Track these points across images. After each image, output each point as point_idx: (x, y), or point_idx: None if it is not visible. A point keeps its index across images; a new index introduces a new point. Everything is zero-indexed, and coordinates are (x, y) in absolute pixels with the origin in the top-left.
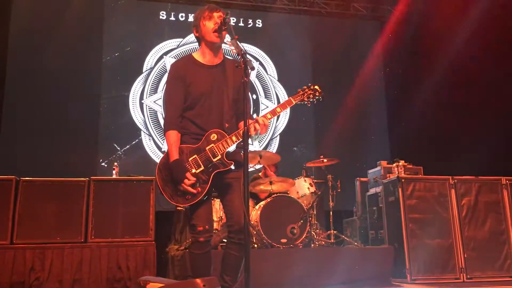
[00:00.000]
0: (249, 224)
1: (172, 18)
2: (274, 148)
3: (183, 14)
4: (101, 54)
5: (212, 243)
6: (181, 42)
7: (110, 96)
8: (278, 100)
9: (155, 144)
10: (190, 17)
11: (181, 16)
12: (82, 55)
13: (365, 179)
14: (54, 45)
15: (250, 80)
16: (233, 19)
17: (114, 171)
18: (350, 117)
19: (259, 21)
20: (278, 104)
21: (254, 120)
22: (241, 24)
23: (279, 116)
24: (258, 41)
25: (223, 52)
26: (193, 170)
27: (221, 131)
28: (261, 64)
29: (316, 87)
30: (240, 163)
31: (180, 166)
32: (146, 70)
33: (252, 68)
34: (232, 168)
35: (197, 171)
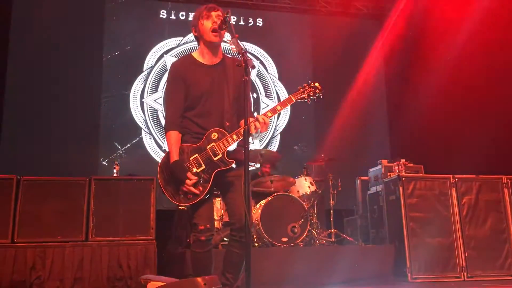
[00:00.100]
0: (250, 223)
1: (173, 17)
2: (275, 147)
3: (184, 13)
4: (102, 53)
5: (213, 242)
6: (182, 41)
7: (111, 95)
8: (279, 99)
9: (156, 143)
10: (191, 16)
11: (182, 15)
12: (83, 54)
13: (366, 178)
14: (55, 44)
15: (251, 79)
16: (234, 18)
17: (115, 170)
18: (351, 116)
19: (260, 20)
20: (278, 102)
21: (255, 119)
22: (242, 23)
23: (280, 115)
24: (259, 40)
25: (223, 51)
26: (194, 169)
27: (222, 130)
28: (262, 63)
29: (316, 85)
30: (241, 162)
31: (181, 167)
32: (147, 69)
33: (253, 67)
34: (233, 167)
35: (198, 170)
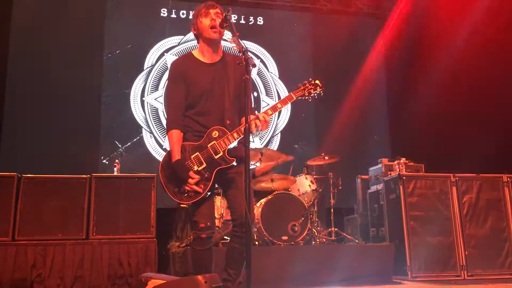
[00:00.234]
0: (251, 220)
1: (173, 16)
2: (275, 146)
3: (184, 12)
4: (102, 52)
5: (213, 240)
6: (182, 40)
7: (111, 94)
8: (279, 98)
9: (156, 141)
10: (191, 15)
11: (182, 14)
12: (83, 53)
13: (366, 177)
14: (55, 43)
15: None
16: (234, 17)
17: (115, 168)
18: (351, 115)
19: (260, 19)
20: (279, 100)
21: (255, 117)
22: (242, 22)
23: (280, 114)
24: (259, 39)
25: (223, 49)
26: (195, 168)
27: (223, 128)
28: (262, 62)
29: (317, 82)
30: (242, 158)
31: (182, 166)
32: (147, 68)
33: (253, 66)
34: (235, 164)
35: (199, 168)
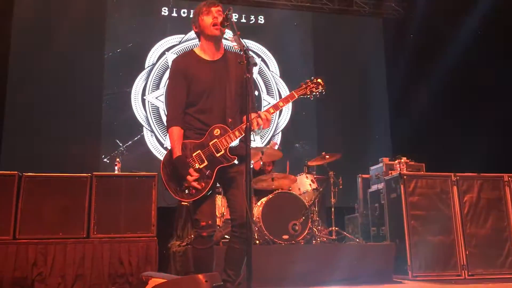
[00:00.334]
0: (252, 220)
1: (174, 14)
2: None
3: (185, 10)
4: (103, 50)
5: (214, 239)
6: (183, 38)
7: (112, 92)
8: (280, 97)
9: (157, 140)
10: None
11: (183, 12)
12: (84, 51)
13: (367, 176)
14: (57, 41)
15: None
16: (235, 16)
17: (116, 167)
18: (352, 114)
19: (261, 18)
20: (281, 99)
21: (257, 115)
22: (243, 21)
23: (281, 113)
24: (260, 38)
25: (225, 48)
26: (197, 165)
27: (224, 126)
28: (263, 61)
29: (319, 80)
30: (244, 157)
31: (183, 163)
32: (148, 66)
33: (255, 64)
34: (236, 163)
35: (201, 166)
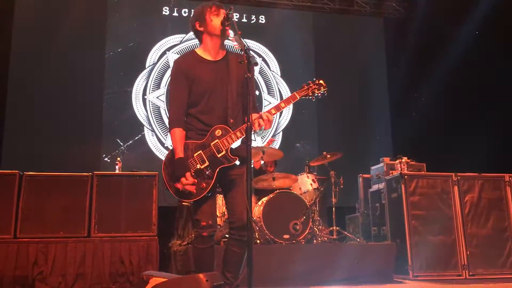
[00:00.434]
0: (252, 220)
1: (175, 14)
2: (277, 145)
3: (186, 10)
4: (104, 50)
5: (215, 239)
6: (184, 38)
7: (113, 92)
8: (281, 96)
9: (158, 140)
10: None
11: (184, 12)
12: (85, 51)
13: (368, 176)
14: (58, 41)
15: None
16: (236, 15)
17: (117, 166)
18: (353, 114)
19: (262, 17)
20: (283, 99)
21: (258, 116)
22: (244, 20)
23: (282, 113)
24: (261, 38)
25: (227, 48)
26: (198, 166)
27: (226, 127)
28: (264, 61)
29: (321, 82)
30: (245, 159)
31: (183, 165)
32: (149, 66)
33: (255, 64)
34: (237, 164)
35: (202, 167)
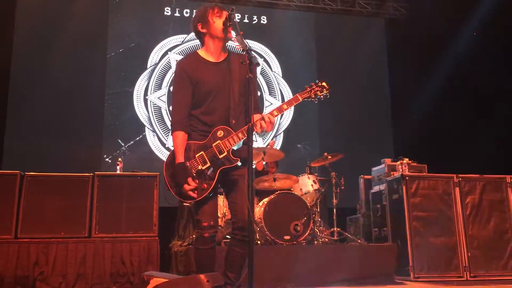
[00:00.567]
0: (253, 221)
1: (177, 14)
2: (278, 145)
3: (188, 10)
4: (106, 50)
5: (216, 239)
6: (186, 39)
7: (115, 92)
8: (283, 97)
9: (159, 140)
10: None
11: (186, 12)
12: (87, 51)
13: (369, 177)
14: (59, 41)
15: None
16: (238, 16)
17: (118, 167)
18: (354, 114)
19: (264, 18)
20: (285, 101)
21: (260, 117)
22: (246, 21)
23: (283, 114)
24: (263, 38)
25: (229, 49)
26: (199, 167)
27: (228, 128)
28: (266, 61)
29: (324, 84)
30: (246, 160)
31: (183, 170)
32: (151, 66)
33: (257, 64)
34: (239, 165)
35: (203, 168)
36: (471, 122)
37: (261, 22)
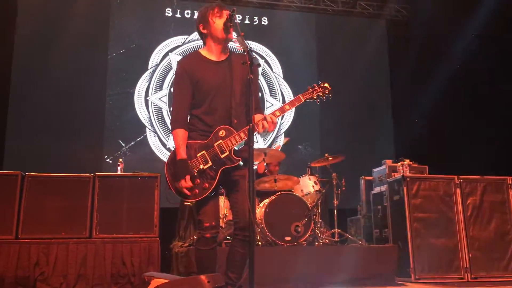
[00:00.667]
0: (254, 222)
1: (178, 15)
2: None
3: (189, 11)
4: (107, 51)
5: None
6: (187, 39)
7: (115, 93)
8: (283, 98)
9: (160, 141)
10: (196, 14)
11: (187, 13)
12: (88, 52)
13: (370, 178)
14: (60, 42)
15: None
16: (239, 17)
17: (119, 168)
18: (355, 116)
19: (265, 19)
20: (287, 102)
21: (262, 118)
22: (247, 22)
23: (284, 114)
24: (264, 39)
25: (230, 49)
26: (201, 166)
27: (230, 128)
28: (267, 62)
29: (326, 85)
30: (247, 161)
31: (184, 167)
32: (152, 67)
33: (258, 65)
34: (241, 164)
35: (205, 167)
36: (472, 123)
37: (262, 23)
